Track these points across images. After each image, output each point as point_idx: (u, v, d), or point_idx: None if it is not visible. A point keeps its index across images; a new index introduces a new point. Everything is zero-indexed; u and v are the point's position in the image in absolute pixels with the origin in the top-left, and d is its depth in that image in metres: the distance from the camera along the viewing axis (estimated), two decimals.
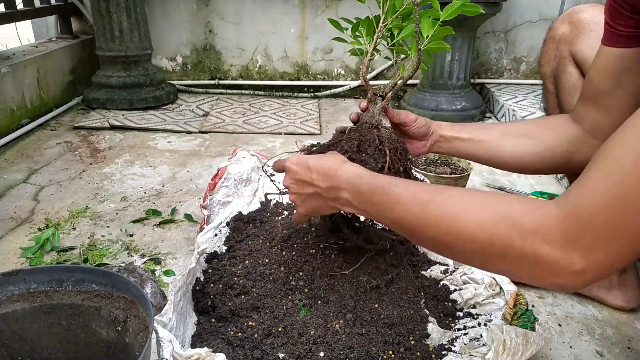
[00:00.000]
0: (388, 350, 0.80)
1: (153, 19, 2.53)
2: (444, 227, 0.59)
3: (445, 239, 0.60)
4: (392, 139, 0.81)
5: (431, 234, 0.61)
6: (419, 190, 0.64)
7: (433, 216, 0.60)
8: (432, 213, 0.61)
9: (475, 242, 0.56)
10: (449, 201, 0.60)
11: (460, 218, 0.58)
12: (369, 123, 0.85)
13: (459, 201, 0.60)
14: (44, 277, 0.74)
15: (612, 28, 0.72)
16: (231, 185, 1.21)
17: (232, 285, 0.90)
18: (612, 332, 0.96)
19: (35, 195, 1.46)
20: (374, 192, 0.67)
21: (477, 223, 0.56)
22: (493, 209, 0.56)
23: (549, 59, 0.99)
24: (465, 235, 0.57)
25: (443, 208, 0.60)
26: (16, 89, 1.99)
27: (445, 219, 0.59)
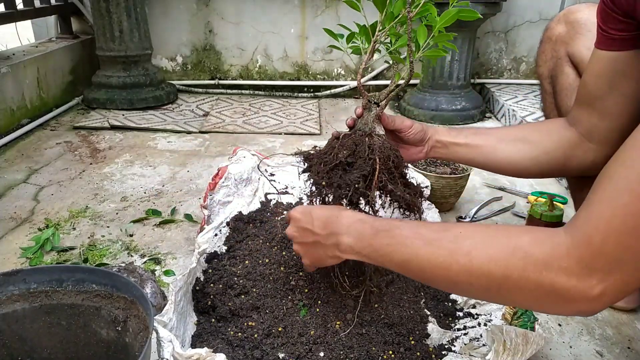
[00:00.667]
0: (388, 350, 0.80)
1: (153, 19, 2.53)
2: (455, 266, 0.58)
3: (458, 279, 0.59)
4: (384, 147, 0.80)
5: (443, 275, 0.60)
6: (425, 230, 0.63)
7: (443, 256, 0.59)
8: (441, 253, 0.59)
9: (490, 277, 0.56)
10: (458, 239, 0.59)
11: (471, 255, 0.57)
12: (362, 130, 0.84)
13: (467, 238, 0.59)
14: (44, 277, 0.74)
15: (605, 32, 0.72)
16: (231, 185, 1.21)
17: (232, 285, 0.90)
18: (612, 332, 0.96)
19: (35, 195, 1.46)
20: (377, 235, 0.66)
21: (489, 259, 0.56)
22: (503, 242, 0.56)
23: (546, 59, 0.99)
24: (479, 272, 0.56)
25: (452, 246, 0.59)
26: (16, 89, 1.99)
27: (455, 258, 0.58)
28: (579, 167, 0.85)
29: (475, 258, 0.57)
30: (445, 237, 0.60)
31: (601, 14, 0.72)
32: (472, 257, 0.57)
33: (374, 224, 0.67)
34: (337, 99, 2.60)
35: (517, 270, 0.54)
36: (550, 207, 1.18)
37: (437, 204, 1.29)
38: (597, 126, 0.80)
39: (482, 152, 0.90)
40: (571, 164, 0.86)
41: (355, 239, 0.68)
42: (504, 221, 1.38)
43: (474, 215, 1.38)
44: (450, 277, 0.59)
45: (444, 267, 0.59)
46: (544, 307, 0.56)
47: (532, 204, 1.22)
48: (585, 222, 0.51)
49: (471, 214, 1.38)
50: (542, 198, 1.44)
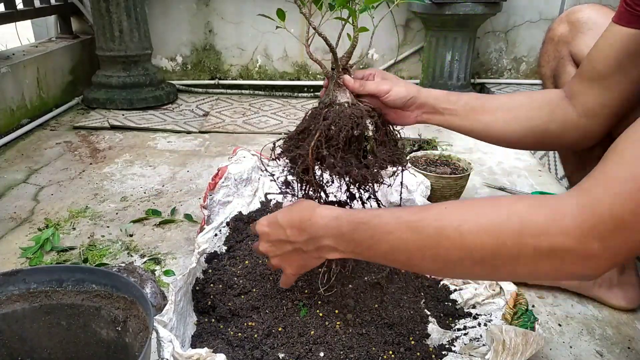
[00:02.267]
0: (388, 350, 0.80)
1: (153, 19, 2.52)
2: (444, 242, 0.56)
3: (448, 256, 0.56)
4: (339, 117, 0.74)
5: (432, 255, 0.57)
6: (406, 214, 0.60)
7: (429, 235, 0.57)
8: (427, 232, 0.57)
9: (484, 249, 0.54)
10: (443, 215, 0.57)
11: (461, 228, 0.55)
12: (323, 103, 0.80)
13: (453, 212, 0.57)
14: (44, 277, 0.74)
15: (630, 7, 0.69)
16: (231, 185, 1.21)
17: (232, 285, 0.90)
18: (612, 332, 0.96)
19: (35, 195, 1.46)
20: (357, 229, 0.63)
21: (480, 229, 0.53)
22: (494, 212, 0.54)
23: (549, 59, 0.99)
24: (471, 245, 0.54)
25: (438, 223, 0.57)
26: (16, 89, 1.99)
27: (444, 234, 0.56)
28: (574, 141, 0.84)
29: (466, 231, 0.54)
30: (429, 216, 0.58)
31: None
32: (461, 230, 0.54)
33: (350, 218, 0.64)
34: None
35: (512, 237, 0.52)
36: None
37: None
38: (594, 102, 0.79)
39: (478, 120, 0.86)
40: (567, 137, 0.84)
41: (335, 238, 0.66)
42: None
43: None
44: (439, 257, 0.57)
45: (432, 247, 0.57)
46: (540, 274, 0.54)
47: None
48: (595, 185, 0.50)
49: None
50: None
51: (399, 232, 0.59)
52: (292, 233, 0.69)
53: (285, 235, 0.70)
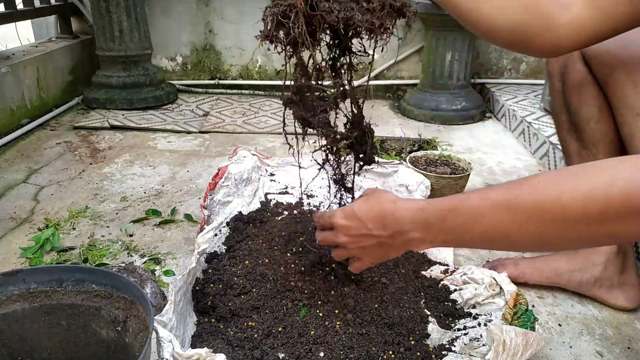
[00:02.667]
0: (388, 350, 0.80)
1: (153, 18, 2.52)
2: (545, 216, 0.54)
3: (549, 230, 0.55)
4: None
5: (531, 231, 0.56)
6: (495, 193, 0.59)
7: (527, 211, 0.55)
8: (525, 208, 0.55)
9: (589, 217, 0.52)
10: (538, 189, 0.55)
11: (562, 199, 0.53)
12: None
13: (549, 184, 0.55)
14: (44, 277, 0.74)
15: None
16: (231, 185, 1.21)
17: (232, 285, 0.90)
18: (612, 332, 0.96)
19: (35, 195, 1.46)
20: (446, 218, 0.62)
21: (584, 197, 0.52)
22: (595, 177, 0.52)
23: None
24: (575, 215, 0.52)
25: (535, 197, 0.55)
26: (16, 89, 1.99)
27: (544, 207, 0.54)
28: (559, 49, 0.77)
29: (567, 201, 0.53)
30: (523, 192, 0.56)
31: None
32: (563, 201, 0.53)
33: (436, 207, 0.64)
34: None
35: (619, 201, 0.50)
36: None
37: None
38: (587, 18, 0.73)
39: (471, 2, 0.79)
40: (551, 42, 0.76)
41: (423, 231, 0.65)
42: None
43: None
44: (539, 232, 0.55)
45: (532, 223, 0.55)
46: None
47: None
48: None
49: None
50: None
51: (493, 213, 0.58)
52: (374, 227, 0.69)
53: (367, 229, 0.70)
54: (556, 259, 1.06)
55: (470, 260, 1.18)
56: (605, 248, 1.00)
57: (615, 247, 1.00)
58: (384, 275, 0.95)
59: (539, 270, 1.06)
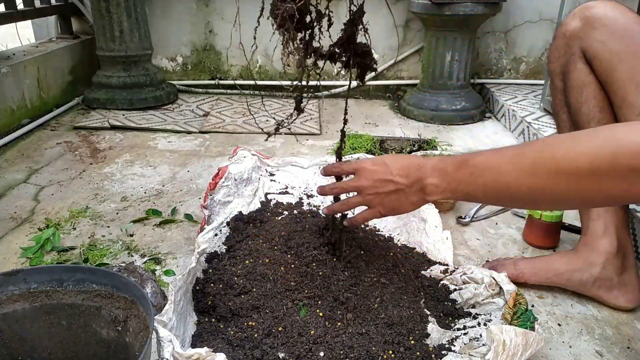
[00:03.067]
0: (388, 350, 0.80)
1: (153, 19, 2.53)
2: (540, 170, 0.58)
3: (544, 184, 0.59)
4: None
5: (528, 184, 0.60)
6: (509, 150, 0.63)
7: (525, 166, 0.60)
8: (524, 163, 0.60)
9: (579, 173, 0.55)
10: (542, 146, 0.59)
11: (556, 155, 0.57)
12: None
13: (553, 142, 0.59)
14: (44, 277, 0.74)
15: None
16: (232, 185, 1.21)
17: (232, 285, 0.90)
18: (612, 332, 0.96)
19: (35, 195, 1.46)
20: (459, 168, 0.68)
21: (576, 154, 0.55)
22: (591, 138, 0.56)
23: (559, 55, 0.98)
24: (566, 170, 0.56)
25: (536, 154, 0.59)
26: (16, 89, 1.99)
27: (540, 162, 0.58)
28: None
29: (560, 157, 0.56)
30: (529, 150, 0.61)
31: None
32: (556, 157, 0.57)
33: (454, 159, 0.70)
34: (337, 99, 2.60)
35: (607, 159, 0.53)
36: None
37: (437, 204, 1.29)
38: None
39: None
40: None
41: (439, 178, 0.71)
42: (504, 221, 1.38)
43: (474, 215, 1.38)
44: (535, 186, 0.59)
45: (528, 176, 0.60)
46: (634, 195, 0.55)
47: None
48: None
49: (471, 214, 1.38)
50: None
51: (498, 166, 0.63)
52: (399, 174, 0.75)
53: (391, 175, 0.76)
54: (556, 259, 1.06)
55: (470, 260, 1.18)
56: (604, 248, 1.00)
57: (615, 247, 1.00)
58: (383, 275, 0.95)
59: (539, 270, 1.06)
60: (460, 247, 1.23)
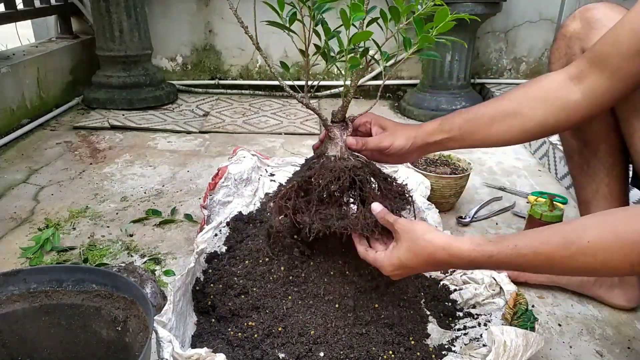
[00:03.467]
0: (388, 350, 0.80)
1: (153, 19, 2.52)
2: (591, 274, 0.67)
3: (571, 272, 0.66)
4: (322, 169, 0.81)
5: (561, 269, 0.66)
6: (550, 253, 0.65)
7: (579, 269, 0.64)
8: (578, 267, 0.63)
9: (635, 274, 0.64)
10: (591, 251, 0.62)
11: (610, 264, 0.61)
12: (315, 154, 0.87)
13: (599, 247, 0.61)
14: (44, 277, 0.74)
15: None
16: (231, 185, 1.21)
17: (232, 285, 0.90)
18: (612, 332, 0.96)
19: (35, 195, 1.46)
20: (484, 263, 0.70)
21: (630, 264, 0.59)
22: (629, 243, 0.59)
23: (560, 56, 0.98)
24: (623, 273, 0.62)
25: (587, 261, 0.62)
26: (16, 89, 1.99)
27: (592, 271, 0.63)
28: (572, 124, 0.84)
29: (614, 268, 0.61)
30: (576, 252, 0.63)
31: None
32: (612, 267, 0.61)
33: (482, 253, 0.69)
34: (337, 99, 2.60)
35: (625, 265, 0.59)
36: (550, 207, 1.18)
37: (437, 204, 1.29)
38: (602, 86, 0.77)
39: (475, 139, 0.88)
40: (566, 122, 0.83)
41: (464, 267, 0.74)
42: (504, 221, 1.38)
43: (474, 215, 1.38)
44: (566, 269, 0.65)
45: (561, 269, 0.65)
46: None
47: (532, 204, 1.22)
48: None
49: (471, 214, 1.38)
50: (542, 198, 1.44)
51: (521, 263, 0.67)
52: (426, 269, 0.77)
53: (418, 271, 0.78)
54: None
55: None
56: None
57: None
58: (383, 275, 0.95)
59: None
60: None
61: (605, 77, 0.76)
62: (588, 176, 0.99)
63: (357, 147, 0.86)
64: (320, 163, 0.83)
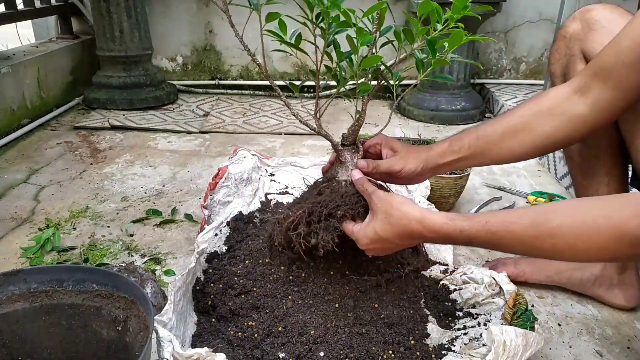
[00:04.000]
0: (388, 350, 0.80)
1: (153, 19, 2.53)
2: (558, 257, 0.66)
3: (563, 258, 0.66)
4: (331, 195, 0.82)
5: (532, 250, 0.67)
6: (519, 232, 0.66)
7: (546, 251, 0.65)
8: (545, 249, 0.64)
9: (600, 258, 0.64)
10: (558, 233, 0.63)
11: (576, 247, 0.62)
12: (325, 177, 0.87)
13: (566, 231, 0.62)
14: (45, 277, 0.74)
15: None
16: (232, 185, 1.21)
17: (232, 285, 0.90)
18: (612, 331, 0.96)
19: (35, 195, 1.46)
20: (457, 238, 0.70)
21: (597, 249, 0.61)
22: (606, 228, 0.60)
23: (559, 57, 0.98)
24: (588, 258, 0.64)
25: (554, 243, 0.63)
26: (16, 89, 1.99)
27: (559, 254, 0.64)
28: (580, 136, 0.84)
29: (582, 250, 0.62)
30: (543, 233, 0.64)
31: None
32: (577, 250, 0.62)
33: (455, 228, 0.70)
34: (337, 99, 2.59)
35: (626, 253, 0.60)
36: None
37: (437, 204, 1.30)
38: (609, 99, 0.77)
39: (486, 156, 0.88)
40: (573, 138, 0.84)
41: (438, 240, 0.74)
42: None
43: None
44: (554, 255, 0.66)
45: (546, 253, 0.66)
46: None
47: (532, 204, 1.22)
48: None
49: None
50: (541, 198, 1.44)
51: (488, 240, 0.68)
52: (401, 242, 0.76)
53: (392, 244, 0.77)
54: None
55: (470, 260, 1.18)
56: None
57: None
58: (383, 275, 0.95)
59: (539, 269, 1.06)
60: (460, 247, 1.23)
61: (609, 88, 0.77)
62: (588, 176, 0.99)
63: (368, 170, 0.85)
64: (330, 187, 0.83)
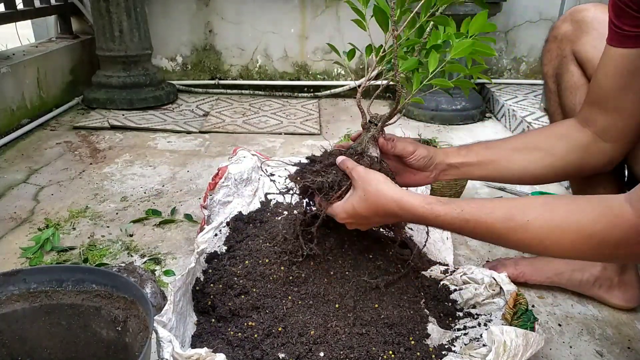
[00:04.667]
0: (388, 350, 0.80)
1: (153, 19, 2.52)
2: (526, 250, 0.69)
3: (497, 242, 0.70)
4: None
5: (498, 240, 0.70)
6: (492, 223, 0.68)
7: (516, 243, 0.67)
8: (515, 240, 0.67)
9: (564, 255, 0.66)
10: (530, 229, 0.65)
11: (544, 243, 0.64)
12: (354, 149, 0.87)
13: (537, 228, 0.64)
14: (44, 277, 0.74)
15: (618, 28, 0.71)
16: (231, 185, 1.21)
17: (232, 285, 0.90)
18: (612, 332, 0.96)
19: (35, 195, 1.46)
20: (433, 221, 0.72)
21: (564, 247, 0.63)
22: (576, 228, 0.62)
23: (551, 58, 0.98)
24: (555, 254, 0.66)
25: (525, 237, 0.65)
26: (16, 89, 1.99)
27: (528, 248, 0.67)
28: (595, 166, 0.85)
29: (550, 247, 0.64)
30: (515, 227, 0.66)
31: (614, 9, 0.70)
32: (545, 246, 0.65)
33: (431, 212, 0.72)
34: (337, 99, 2.60)
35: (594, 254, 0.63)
36: None
37: None
38: (611, 124, 0.79)
39: (496, 168, 0.89)
40: (587, 164, 0.85)
41: (414, 221, 0.76)
42: None
43: None
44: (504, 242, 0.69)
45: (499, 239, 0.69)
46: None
47: None
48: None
49: None
50: None
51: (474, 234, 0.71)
52: (377, 219, 0.79)
53: (369, 221, 0.80)
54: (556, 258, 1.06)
55: (470, 260, 1.18)
56: None
57: None
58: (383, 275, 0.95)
59: (539, 270, 1.06)
60: (461, 247, 1.23)
61: (611, 115, 0.79)
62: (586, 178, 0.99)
63: (387, 148, 0.88)
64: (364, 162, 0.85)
